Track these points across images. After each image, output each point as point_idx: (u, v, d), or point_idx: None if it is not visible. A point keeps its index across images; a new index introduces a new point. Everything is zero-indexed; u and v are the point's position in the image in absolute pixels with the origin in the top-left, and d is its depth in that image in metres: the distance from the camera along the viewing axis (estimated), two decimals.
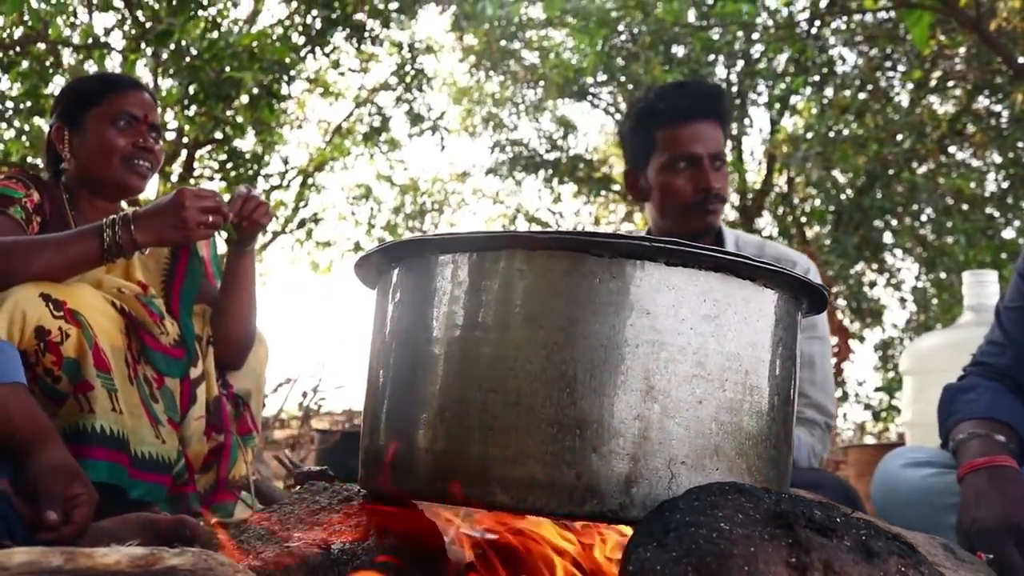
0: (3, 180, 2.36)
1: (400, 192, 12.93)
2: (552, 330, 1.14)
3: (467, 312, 1.19)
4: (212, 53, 7.58)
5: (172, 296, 2.48)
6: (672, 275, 1.16)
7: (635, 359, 1.13)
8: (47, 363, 2.05)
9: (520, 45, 11.54)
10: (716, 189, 2.40)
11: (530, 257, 1.16)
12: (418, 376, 1.22)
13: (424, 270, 1.24)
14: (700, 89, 2.51)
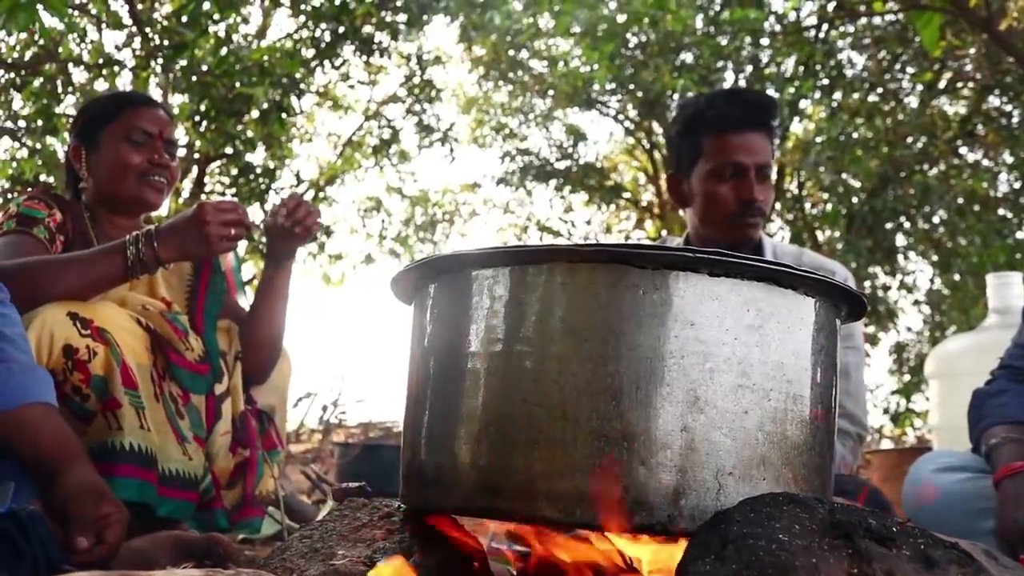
0: (26, 200, 2.37)
1: (411, 204, 12.94)
2: (597, 343, 1.14)
3: (509, 326, 1.19)
4: (223, 69, 7.61)
5: (196, 312, 2.49)
6: (715, 286, 1.15)
7: (680, 370, 1.13)
8: (75, 381, 2.06)
9: (528, 55, 11.55)
10: (759, 201, 2.37)
11: (573, 270, 1.16)
12: (460, 391, 1.22)
13: (463, 285, 1.24)
14: (750, 98, 2.45)
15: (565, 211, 12.39)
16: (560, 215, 12.39)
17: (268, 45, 8.63)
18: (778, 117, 2.51)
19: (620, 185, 12.76)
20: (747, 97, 2.48)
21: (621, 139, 13.35)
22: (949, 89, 9.58)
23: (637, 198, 13.20)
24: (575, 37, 8.88)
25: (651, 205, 13.00)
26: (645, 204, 13.13)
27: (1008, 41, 6.72)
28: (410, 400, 1.33)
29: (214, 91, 7.77)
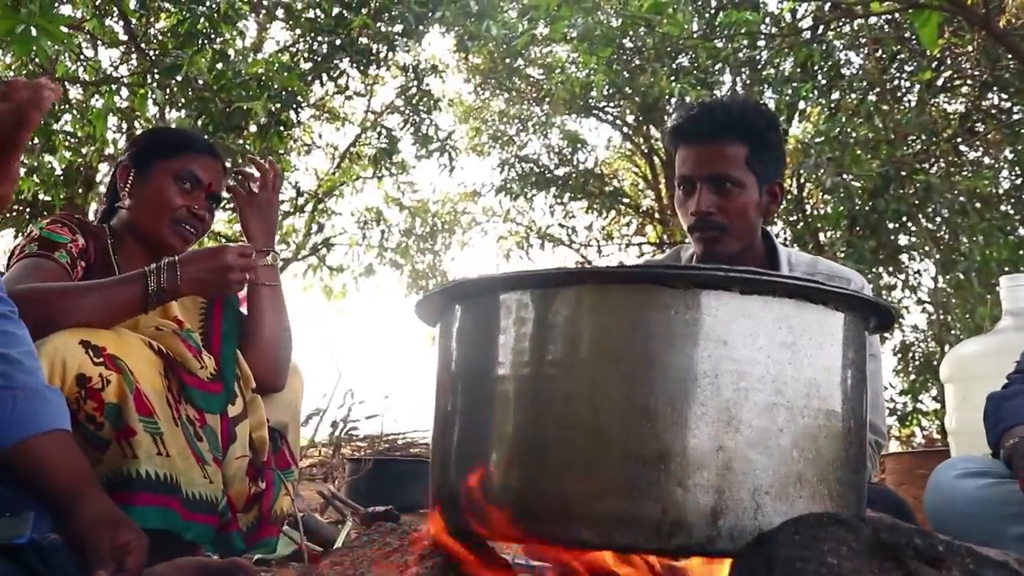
0: (49, 224, 2.36)
1: (410, 214, 12.93)
2: (630, 364, 1.13)
3: (541, 349, 1.18)
4: (220, 84, 7.59)
5: (212, 332, 2.48)
6: (747, 304, 1.15)
7: (715, 390, 1.13)
8: (88, 410, 2.04)
9: (525, 63, 11.55)
10: (705, 214, 2.27)
11: (604, 291, 1.16)
12: (492, 415, 1.21)
13: (491, 308, 1.23)
14: (711, 109, 2.34)
15: (565, 217, 12.38)
16: (560, 222, 12.38)
17: (265, 58, 8.62)
18: (754, 124, 2.40)
19: (620, 190, 12.75)
20: (709, 108, 2.34)
21: (619, 144, 13.36)
22: (947, 87, 9.57)
23: (637, 203, 13.19)
24: (572, 43, 8.87)
25: (651, 210, 13.00)
26: (645, 209, 13.13)
27: (1006, 38, 6.72)
28: (438, 423, 1.32)
29: (212, 106, 7.76)
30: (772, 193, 2.38)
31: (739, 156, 2.29)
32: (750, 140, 2.30)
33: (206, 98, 7.77)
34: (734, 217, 2.29)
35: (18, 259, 2.31)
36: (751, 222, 2.34)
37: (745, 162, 2.29)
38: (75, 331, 2.06)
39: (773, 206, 2.40)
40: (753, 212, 2.33)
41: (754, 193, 2.31)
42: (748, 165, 2.29)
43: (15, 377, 1.72)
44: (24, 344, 1.79)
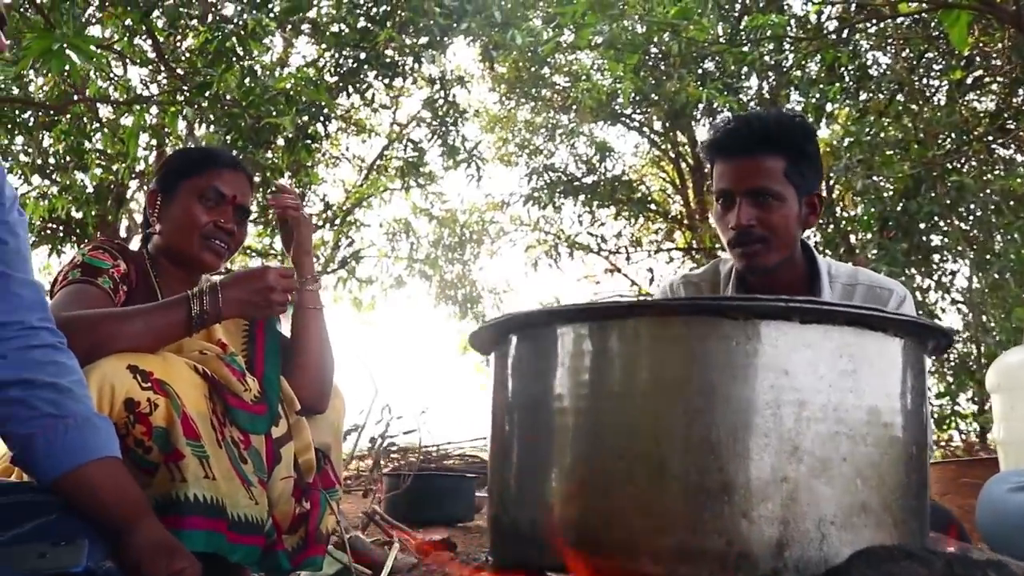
0: (91, 250, 2.39)
1: (439, 225, 12.95)
2: (692, 396, 1.13)
3: (601, 381, 1.18)
4: (249, 100, 7.64)
5: (255, 355, 2.49)
6: (807, 333, 1.15)
7: (778, 420, 1.12)
8: (137, 434, 2.06)
9: (550, 71, 11.55)
10: (745, 227, 2.26)
11: (664, 323, 1.16)
12: (552, 447, 1.21)
13: (549, 341, 1.24)
14: (748, 122, 2.32)
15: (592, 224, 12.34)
16: (589, 230, 12.35)
17: (292, 73, 8.66)
18: (792, 136, 2.39)
19: (648, 197, 12.71)
20: (745, 120, 2.33)
21: (647, 151, 13.32)
22: (977, 85, 9.48)
23: (666, 209, 13.16)
24: (597, 50, 8.85)
25: (680, 215, 12.96)
26: (674, 215, 13.09)
27: None
28: (496, 454, 1.33)
29: (241, 122, 7.81)
30: (811, 204, 2.36)
31: (778, 169, 2.28)
32: (788, 152, 2.29)
33: (235, 114, 7.82)
34: (774, 230, 2.28)
35: (62, 286, 2.33)
36: (791, 235, 2.33)
37: (784, 175, 2.27)
38: (122, 356, 2.08)
39: (812, 217, 2.39)
40: (793, 225, 2.32)
41: (794, 205, 2.29)
42: (787, 177, 2.27)
43: (66, 406, 1.73)
44: (73, 373, 1.80)
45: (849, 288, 2.43)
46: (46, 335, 1.76)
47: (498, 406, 1.33)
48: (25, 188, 10.03)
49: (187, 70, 8.20)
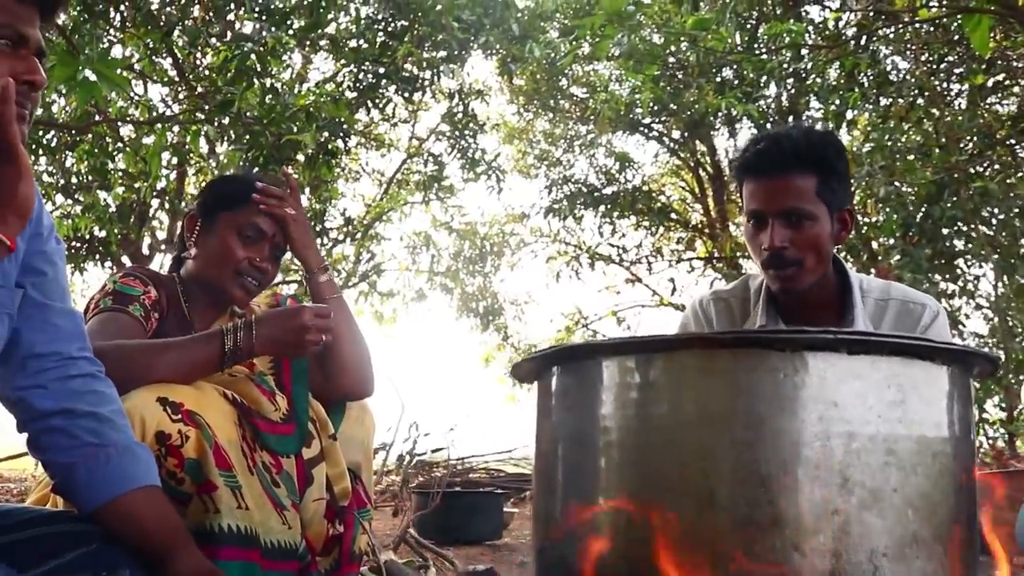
0: (122, 278, 2.40)
1: (459, 237, 12.97)
2: (741, 428, 1.13)
3: (648, 414, 1.18)
4: (270, 117, 7.68)
5: (283, 373, 2.50)
6: (855, 364, 1.14)
7: (827, 452, 1.12)
8: (169, 466, 2.07)
9: (568, 82, 11.56)
10: (779, 249, 2.24)
11: (711, 356, 1.16)
12: (598, 480, 1.21)
13: (595, 373, 1.24)
14: (778, 141, 2.29)
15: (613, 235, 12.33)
16: (610, 241, 12.34)
17: (313, 90, 8.71)
18: (823, 154, 2.37)
19: (668, 206, 12.70)
20: (775, 140, 2.29)
21: (666, 160, 13.31)
22: (999, 88, 9.43)
23: (686, 218, 13.14)
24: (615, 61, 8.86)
25: (700, 225, 12.94)
26: (694, 224, 13.07)
27: None
28: (541, 486, 1.33)
29: (263, 139, 7.85)
30: (842, 220, 2.34)
31: (809, 188, 2.25)
32: (819, 170, 2.27)
33: (256, 131, 7.86)
34: (808, 250, 2.27)
35: (94, 313, 2.34)
36: (824, 253, 2.31)
37: (816, 193, 2.25)
38: (152, 388, 2.10)
39: (844, 233, 2.37)
40: (826, 243, 2.30)
41: (826, 223, 2.28)
42: (819, 195, 2.26)
43: (107, 435, 1.74)
44: (112, 402, 1.82)
45: (881, 303, 2.41)
46: (85, 364, 1.77)
47: (543, 438, 1.33)
48: (48, 208, 10.09)
49: (207, 88, 8.25)
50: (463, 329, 13.97)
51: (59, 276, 1.78)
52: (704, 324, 2.55)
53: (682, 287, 12.41)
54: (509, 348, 14.19)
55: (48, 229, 1.75)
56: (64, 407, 1.71)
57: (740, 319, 2.50)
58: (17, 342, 1.68)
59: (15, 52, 1.49)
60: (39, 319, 1.71)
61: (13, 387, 1.70)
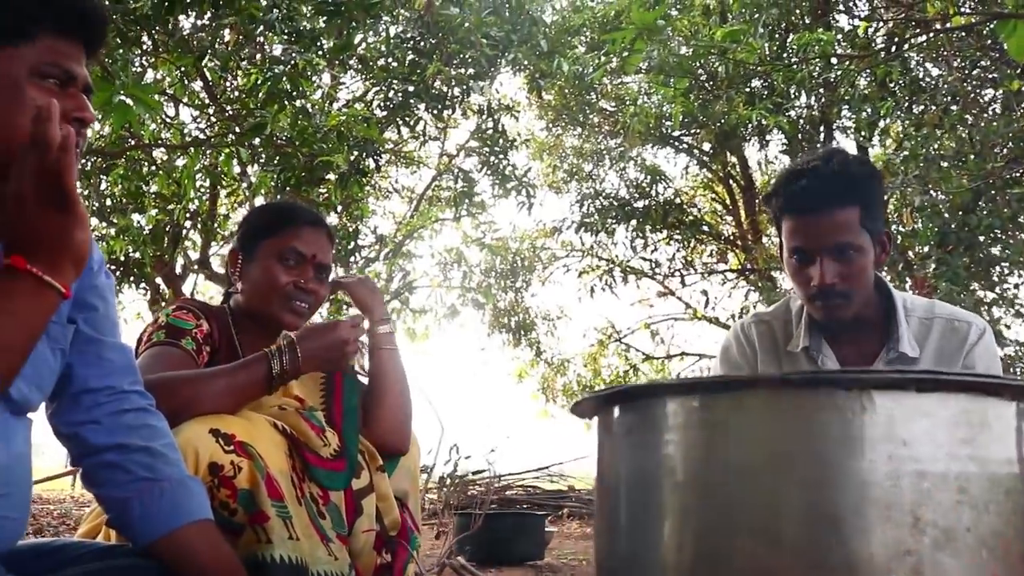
0: (175, 311, 2.42)
1: (490, 253, 12.99)
2: (809, 469, 1.12)
3: (714, 455, 1.17)
4: (302, 138, 7.73)
5: (334, 408, 2.51)
6: (924, 402, 1.13)
7: (898, 492, 1.10)
8: (222, 497, 2.08)
9: (597, 97, 11.57)
10: (829, 285, 2.25)
11: (777, 396, 1.15)
12: (663, 521, 1.20)
13: (659, 413, 1.23)
14: (819, 176, 2.28)
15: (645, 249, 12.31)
16: (643, 255, 12.32)
17: (343, 110, 8.77)
18: (864, 184, 2.35)
19: (700, 219, 12.67)
20: (816, 175, 2.28)
21: (696, 172, 13.29)
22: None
23: (718, 230, 13.11)
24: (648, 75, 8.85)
25: (733, 237, 12.89)
26: (727, 236, 13.03)
27: None
28: (603, 528, 1.32)
29: (294, 161, 7.90)
30: (881, 243, 2.34)
31: (854, 220, 2.26)
32: (862, 201, 2.28)
33: (288, 153, 7.92)
34: (856, 281, 2.28)
35: (146, 347, 2.36)
36: (869, 280, 2.32)
37: (860, 224, 2.26)
38: (204, 420, 2.11)
39: (883, 256, 2.37)
40: (871, 270, 2.31)
41: (870, 251, 2.29)
42: (862, 226, 2.27)
43: (160, 470, 1.75)
44: (165, 436, 1.82)
45: (926, 322, 2.40)
46: (137, 398, 1.78)
47: (605, 475, 1.32)
48: None
49: (238, 110, 8.33)
50: (495, 345, 13.99)
51: (109, 311, 1.79)
52: (746, 347, 2.55)
53: (715, 299, 12.38)
54: (542, 363, 14.22)
55: (98, 263, 1.77)
56: (118, 442, 1.72)
57: (782, 341, 2.50)
58: (70, 377, 1.68)
59: (64, 90, 1.51)
60: (91, 354, 1.72)
61: (67, 422, 1.71)
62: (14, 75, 1.47)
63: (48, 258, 1.39)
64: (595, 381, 14.50)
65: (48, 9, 1.50)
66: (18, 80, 1.47)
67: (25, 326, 1.41)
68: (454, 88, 9.31)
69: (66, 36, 1.52)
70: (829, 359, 2.41)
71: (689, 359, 13.94)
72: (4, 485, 1.54)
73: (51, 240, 1.40)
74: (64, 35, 1.52)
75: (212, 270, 11.73)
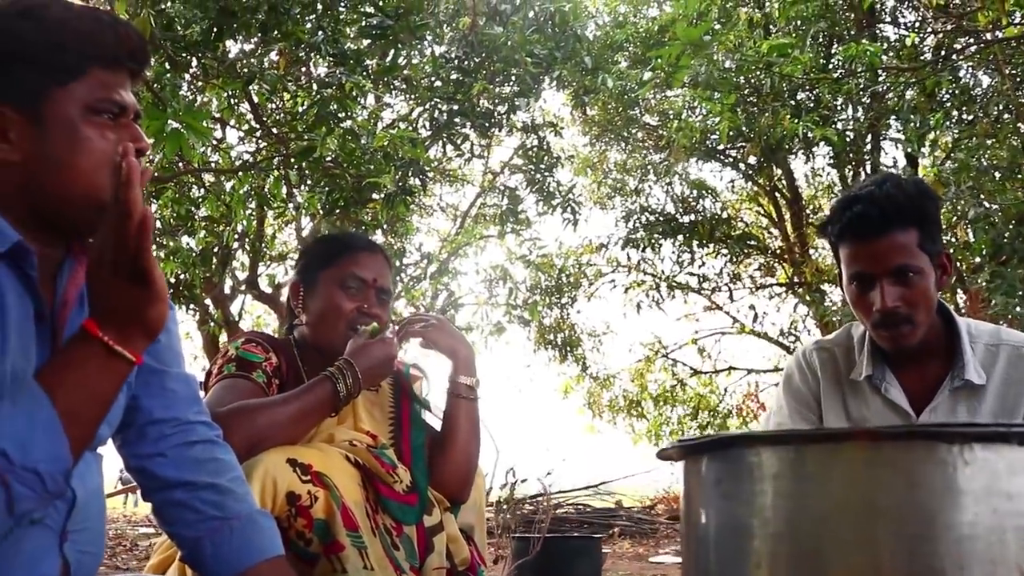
0: (244, 344, 2.45)
1: (535, 270, 12.99)
2: (911, 524, 1.10)
3: (812, 508, 1.16)
4: (350, 160, 7.79)
5: (402, 444, 2.52)
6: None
7: (1003, 547, 1.09)
8: (299, 527, 2.10)
9: (641, 112, 11.56)
10: (891, 308, 2.23)
11: (877, 449, 1.13)
12: (758, 573, 1.19)
13: (754, 464, 1.22)
14: (875, 201, 2.26)
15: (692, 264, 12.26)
16: (690, 270, 12.27)
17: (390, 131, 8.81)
18: (921, 205, 2.34)
19: (748, 233, 12.60)
20: (872, 201, 2.26)
21: (742, 186, 13.23)
22: None
23: (765, 244, 13.03)
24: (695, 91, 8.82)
25: (780, 251, 12.81)
26: (774, 250, 12.95)
27: None
28: (692, 572, 1.31)
29: (342, 182, 7.96)
30: (942, 266, 2.32)
31: (912, 242, 2.24)
32: (919, 223, 2.26)
33: (336, 174, 7.98)
34: (918, 305, 2.26)
35: (216, 379, 2.39)
36: (932, 304, 2.29)
37: (918, 246, 2.24)
38: (281, 450, 2.14)
39: (944, 278, 2.35)
40: (933, 293, 2.28)
41: (931, 273, 2.27)
42: (921, 247, 2.24)
43: (229, 507, 1.76)
44: (232, 469, 1.83)
45: (992, 349, 2.37)
46: (203, 429, 1.79)
47: (694, 523, 1.31)
48: None
49: (286, 134, 8.41)
50: (541, 361, 13.98)
51: (173, 341, 1.81)
52: (808, 375, 2.53)
53: (763, 314, 12.29)
54: (588, 379, 14.21)
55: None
56: (185, 479, 1.73)
57: (845, 369, 2.48)
58: (136, 409, 1.70)
59: (116, 123, 1.52)
60: (156, 385, 1.73)
61: (135, 455, 1.73)
62: (69, 116, 1.48)
63: (121, 328, 1.41)
64: (641, 396, 14.47)
65: (96, 46, 1.51)
66: (73, 120, 1.48)
67: (96, 396, 1.43)
68: (499, 106, 9.33)
69: (113, 67, 1.53)
70: (893, 387, 2.38)
71: (737, 373, 13.90)
72: (82, 520, 1.56)
73: (126, 311, 1.41)
74: (112, 67, 1.53)
75: (260, 290, 11.85)
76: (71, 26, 1.50)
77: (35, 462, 1.31)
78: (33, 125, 1.46)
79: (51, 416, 1.34)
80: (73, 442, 1.37)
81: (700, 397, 14.36)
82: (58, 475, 1.35)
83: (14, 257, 1.44)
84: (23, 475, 1.30)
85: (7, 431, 1.30)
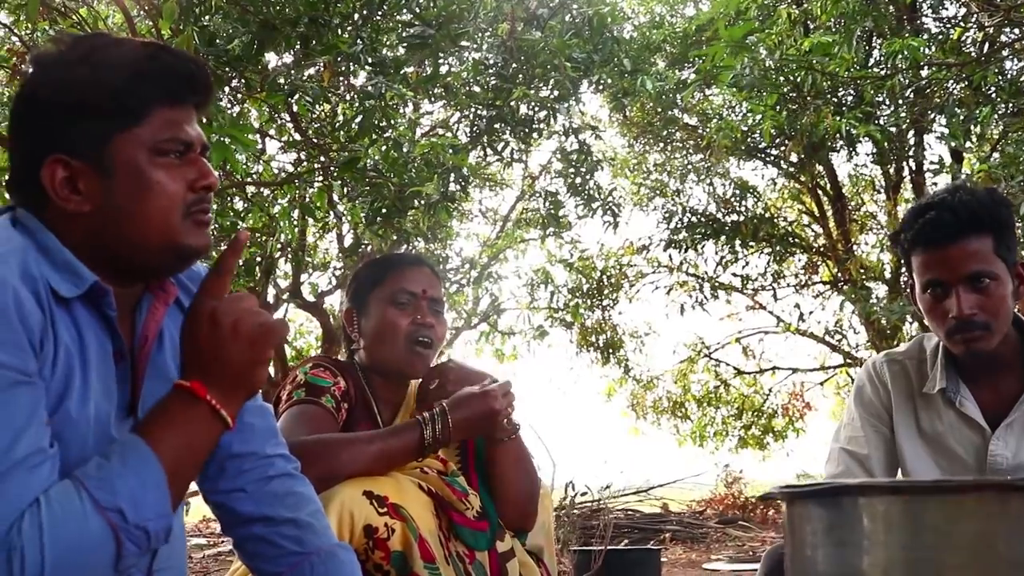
0: (312, 369, 2.46)
1: (576, 272, 12.97)
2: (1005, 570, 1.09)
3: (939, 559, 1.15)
4: (393, 168, 7.80)
5: (469, 470, 2.52)
6: None
7: None
8: (376, 559, 2.11)
9: (679, 112, 11.49)
10: (967, 316, 2.21)
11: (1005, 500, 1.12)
12: None
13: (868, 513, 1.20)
14: (949, 208, 2.24)
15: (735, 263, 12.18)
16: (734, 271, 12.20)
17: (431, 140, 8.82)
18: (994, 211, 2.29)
19: (791, 232, 12.51)
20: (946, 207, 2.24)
21: (784, 184, 13.12)
22: None
23: (808, 243, 12.92)
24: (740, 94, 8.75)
25: (823, 248, 12.70)
26: (817, 248, 12.84)
27: None
28: None
29: (386, 191, 7.97)
30: (1019, 276, 2.29)
31: (987, 248, 2.23)
32: (994, 229, 2.24)
33: (378, 184, 7.99)
34: (995, 312, 2.23)
35: (287, 406, 2.40)
36: (1008, 312, 2.27)
37: (994, 252, 2.23)
38: (358, 482, 2.14)
39: (1022, 288, 2.32)
40: (1009, 301, 2.26)
41: (1007, 281, 2.25)
42: (996, 254, 2.23)
43: (309, 542, 1.75)
44: (311, 503, 1.83)
45: None
46: (281, 463, 1.79)
47: (802, 570, 1.30)
48: None
49: (328, 144, 8.43)
50: (584, 363, 13.96)
51: None
52: (879, 387, 2.51)
53: (808, 313, 12.20)
54: (631, 381, 14.16)
55: None
56: (265, 514, 1.73)
57: (917, 382, 2.45)
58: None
59: (183, 159, 1.51)
60: None
61: (214, 491, 1.73)
62: (135, 161, 1.47)
63: (227, 391, 1.43)
64: (685, 397, 14.40)
65: (157, 86, 1.49)
66: (140, 165, 1.47)
67: (197, 455, 1.44)
68: (538, 112, 9.31)
69: (177, 104, 1.51)
70: (968, 401, 2.36)
71: (781, 373, 13.80)
72: (166, 559, 1.58)
73: (235, 376, 1.43)
74: (175, 104, 1.51)
75: (303, 299, 11.90)
76: (130, 68, 1.47)
77: (145, 520, 1.32)
78: (100, 174, 1.46)
79: (160, 476, 1.35)
80: (174, 499, 1.38)
81: (744, 397, 14.26)
82: (162, 532, 1.36)
83: (92, 297, 1.45)
84: (134, 533, 1.31)
85: (121, 490, 1.31)
